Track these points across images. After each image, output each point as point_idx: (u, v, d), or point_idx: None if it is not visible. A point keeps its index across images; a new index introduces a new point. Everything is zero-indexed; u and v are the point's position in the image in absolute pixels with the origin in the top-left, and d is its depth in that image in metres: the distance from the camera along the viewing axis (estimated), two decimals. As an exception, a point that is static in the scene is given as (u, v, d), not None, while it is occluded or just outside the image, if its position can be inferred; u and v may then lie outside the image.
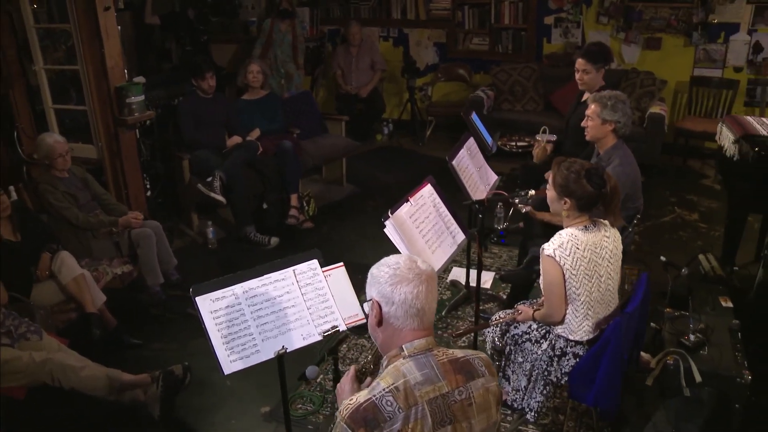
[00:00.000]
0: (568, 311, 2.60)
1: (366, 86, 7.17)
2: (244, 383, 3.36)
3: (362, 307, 1.78)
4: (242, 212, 4.89)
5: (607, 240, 2.61)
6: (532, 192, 3.33)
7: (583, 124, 3.51)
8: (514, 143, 5.12)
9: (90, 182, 4.05)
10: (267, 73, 5.46)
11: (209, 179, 4.67)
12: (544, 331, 2.74)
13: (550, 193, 2.63)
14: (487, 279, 4.29)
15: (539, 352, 2.72)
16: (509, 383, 2.85)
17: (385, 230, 2.74)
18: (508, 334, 2.86)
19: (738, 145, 3.75)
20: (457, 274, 4.38)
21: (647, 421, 2.76)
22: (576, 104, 4.45)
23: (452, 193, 3.26)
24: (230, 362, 2.25)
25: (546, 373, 2.69)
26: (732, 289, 3.45)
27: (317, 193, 5.70)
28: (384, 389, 1.60)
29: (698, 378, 2.68)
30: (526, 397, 2.77)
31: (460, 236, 3.15)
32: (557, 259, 2.51)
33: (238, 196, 4.81)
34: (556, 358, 2.67)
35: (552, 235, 3.61)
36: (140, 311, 4.05)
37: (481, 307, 3.54)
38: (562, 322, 2.63)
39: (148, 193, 4.77)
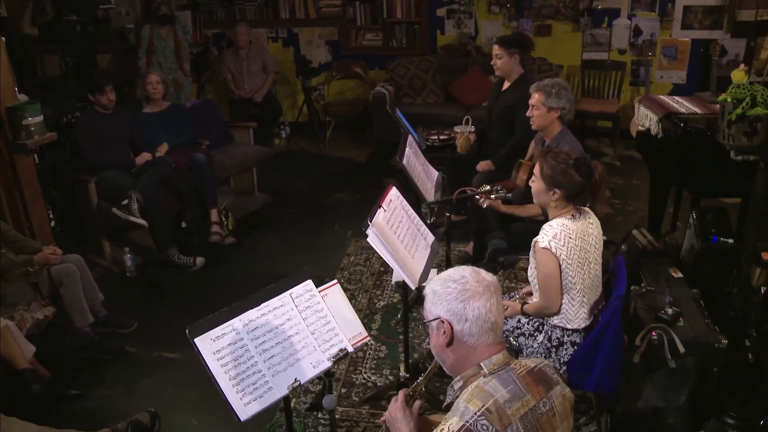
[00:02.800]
0: (564, 301, 2.60)
1: (260, 90, 6.89)
2: (212, 422, 3.06)
3: (426, 328, 1.65)
4: (163, 234, 4.49)
5: (592, 226, 2.63)
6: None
7: (528, 114, 3.55)
8: (435, 137, 5.09)
9: (-10, 219, 3.55)
10: (167, 82, 5.06)
11: (125, 202, 4.24)
12: (537, 323, 2.72)
13: (538, 184, 2.60)
14: (431, 276, 4.22)
15: (535, 345, 2.70)
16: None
17: (368, 240, 2.61)
18: (497, 332, 2.82)
19: (661, 123, 3.94)
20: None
21: (638, 398, 2.83)
22: (497, 93, 4.51)
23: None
24: (244, 405, 2.03)
25: (544, 366, 2.68)
26: (677, 260, 3.63)
27: (230, 206, 5.38)
28: (476, 413, 1.49)
29: (682, 349, 2.77)
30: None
31: (431, 237, 3.06)
32: (553, 250, 2.49)
33: (156, 218, 4.42)
34: (553, 349, 2.66)
35: (507, 228, 3.65)
36: (68, 357, 3.60)
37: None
38: (558, 312, 2.62)
39: (52, 224, 4.27)
